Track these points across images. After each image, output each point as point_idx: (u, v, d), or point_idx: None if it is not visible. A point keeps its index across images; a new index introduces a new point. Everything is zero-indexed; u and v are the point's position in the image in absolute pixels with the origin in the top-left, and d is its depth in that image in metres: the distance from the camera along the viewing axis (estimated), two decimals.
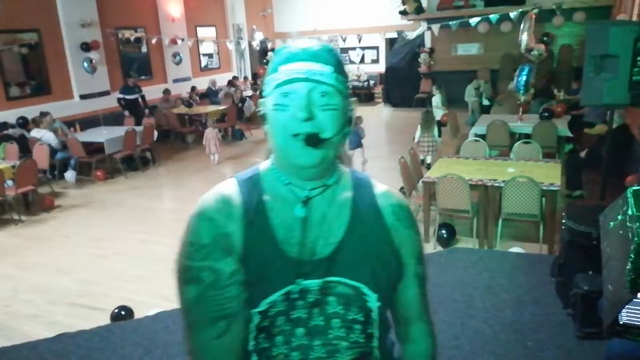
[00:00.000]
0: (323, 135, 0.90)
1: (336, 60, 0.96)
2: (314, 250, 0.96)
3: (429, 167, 7.15)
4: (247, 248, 0.94)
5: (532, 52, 7.93)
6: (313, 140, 0.89)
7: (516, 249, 4.57)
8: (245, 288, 0.94)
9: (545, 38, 11.04)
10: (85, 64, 9.28)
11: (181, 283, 0.97)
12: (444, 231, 4.85)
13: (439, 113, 8.85)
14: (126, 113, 9.74)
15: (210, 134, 8.58)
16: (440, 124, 8.40)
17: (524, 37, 7.95)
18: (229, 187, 1.00)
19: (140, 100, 9.94)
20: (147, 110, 9.98)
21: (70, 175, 8.05)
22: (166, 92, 10.93)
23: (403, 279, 1.05)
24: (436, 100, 9.30)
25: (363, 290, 0.97)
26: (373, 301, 0.98)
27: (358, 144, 7.49)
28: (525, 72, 7.14)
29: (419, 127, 7.47)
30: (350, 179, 1.05)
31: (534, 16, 8.02)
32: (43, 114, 7.98)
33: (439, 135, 7.74)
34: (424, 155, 7.50)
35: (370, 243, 0.99)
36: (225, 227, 0.95)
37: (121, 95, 9.76)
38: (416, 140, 7.58)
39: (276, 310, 0.95)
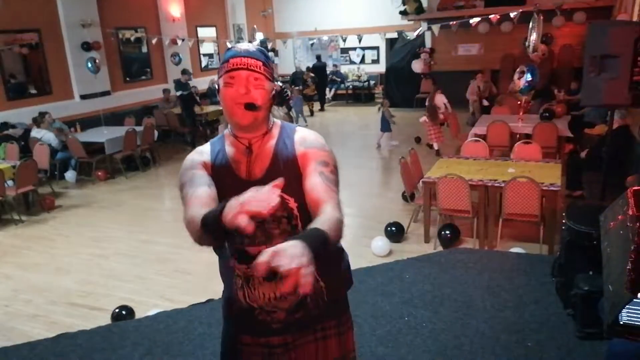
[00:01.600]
0: (257, 104, 1.43)
1: (265, 56, 1.47)
2: (253, 174, 1.51)
3: (438, 153, 8.11)
4: (214, 170, 1.53)
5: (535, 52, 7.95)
6: (250, 107, 1.42)
7: (516, 249, 4.57)
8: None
9: (544, 38, 11.05)
10: (90, 64, 9.29)
11: (180, 185, 1.53)
12: (447, 232, 4.84)
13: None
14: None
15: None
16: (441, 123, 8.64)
17: (533, 38, 7.95)
18: (204, 146, 1.61)
19: (193, 95, 10.21)
20: (197, 106, 10.32)
21: (70, 175, 8.05)
22: (166, 91, 10.94)
23: (307, 176, 1.45)
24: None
25: (284, 197, 1.42)
26: (291, 202, 1.47)
27: (387, 128, 9.07)
28: (534, 73, 7.14)
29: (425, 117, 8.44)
30: (279, 129, 1.56)
31: (542, 16, 8.03)
32: (42, 114, 7.99)
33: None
34: (438, 142, 8.38)
35: (287, 165, 1.48)
36: (200, 159, 1.56)
37: (179, 93, 10.02)
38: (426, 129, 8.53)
39: None
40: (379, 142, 9.29)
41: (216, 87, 1.48)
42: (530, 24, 8.21)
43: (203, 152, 1.57)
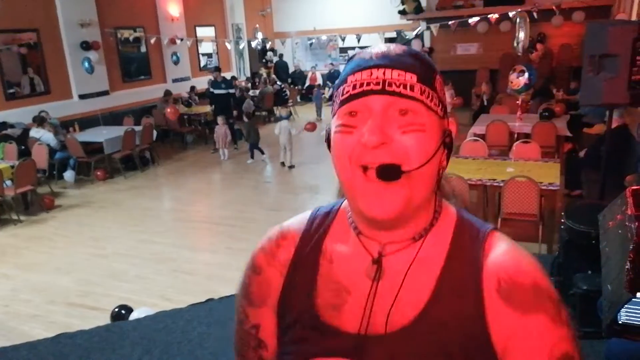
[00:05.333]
0: (405, 167, 0.67)
1: (423, 66, 0.73)
2: (375, 320, 0.72)
3: None
4: (285, 300, 0.80)
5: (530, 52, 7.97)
6: (390, 174, 0.67)
7: None
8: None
9: (539, 37, 11.07)
10: (86, 64, 9.28)
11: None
12: None
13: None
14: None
15: (220, 131, 8.86)
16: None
17: (521, 37, 7.97)
18: (298, 221, 0.85)
19: (230, 97, 9.84)
20: (235, 112, 9.88)
21: (69, 175, 8.04)
22: (167, 93, 10.92)
23: None
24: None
25: None
26: None
27: None
28: (532, 73, 7.14)
29: None
30: (454, 229, 0.76)
31: (527, 16, 8.06)
32: (42, 115, 8.01)
33: None
34: None
35: (452, 327, 0.70)
36: (266, 272, 0.83)
37: (210, 90, 9.98)
38: None
39: None
40: None
41: (325, 134, 0.78)
42: (517, 22, 8.22)
43: (280, 245, 0.83)
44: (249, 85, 13.69)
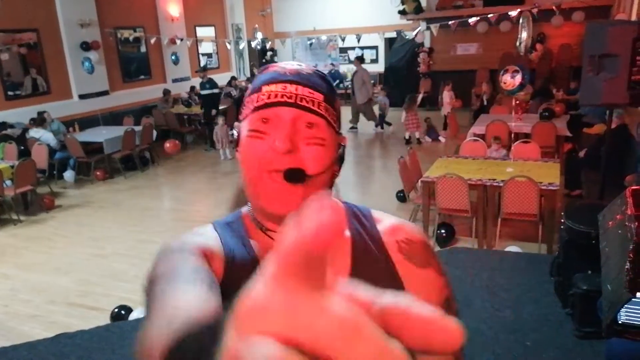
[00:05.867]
0: (308, 173, 0.75)
1: (329, 87, 0.82)
2: None
3: (418, 141, 8.93)
4: (229, 275, 0.77)
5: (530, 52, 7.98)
6: (294, 176, 0.74)
7: (515, 249, 4.57)
8: None
9: (540, 37, 11.07)
10: (87, 64, 9.28)
11: (149, 278, 0.80)
12: (443, 231, 4.85)
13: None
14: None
15: (221, 131, 8.85)
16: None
17: (524, 37, 7.97)
18: (205, 237, 0.82)
19: (216, 97, 9.72)
20: (213, 111, 9.69)
21: (69, 175, 8.04)
22: (166, 92, 10.92)
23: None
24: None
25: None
26: None
27: (436, 137, 9.46)
28: (526, 72, 7.13)
29: (403, 111, 9.13)
30: (346, 215, 0.86)
31: (530, 15, 8.06)
32: (40, 114, 8.01)
33: (444, 129, 9.50)
34: (412, 131, 9.11)
35: (376, 277, 0.79)
36: (203, 243, 0.78)
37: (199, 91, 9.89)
38: (402, 120, 9.21)
39: None
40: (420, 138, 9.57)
41: (234, 134, 0.85)
42: (520, 22, 8.23)
43: (208, 237, 0.83)
44: (249, 85, 13.64)
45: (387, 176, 7.65)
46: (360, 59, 10.95)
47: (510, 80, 7.14)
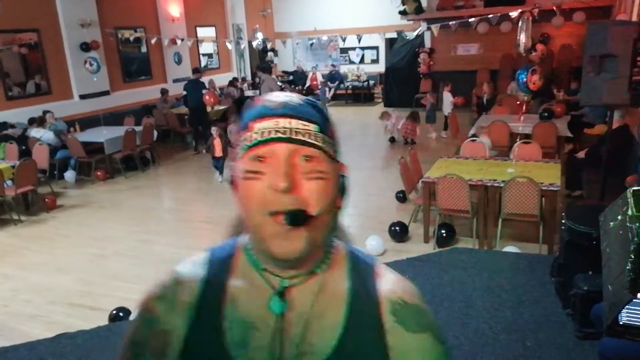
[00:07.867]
0: (310, 212, 0.72)
1: (322, 116, 0.78)
2: (284, 356, 0.76)
3: (412, 142, 9.24)
4: (190, 348, 0.79)
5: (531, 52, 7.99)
6: (297, 218, 0.71)
7: (516, 249, 4.57)
8: None
9: (541, 38, 11.06)
10: (88, 64, 9.28)
11: None
12: (443, 231, 4.85)
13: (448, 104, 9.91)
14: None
15: (215, 142, 7.74)
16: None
17: (522, 37, 7.97)
18: (193, 266, 0.84)
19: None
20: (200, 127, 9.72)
21: (69, 175, 8.05)
22: (164, 92, 10.92)
23: None
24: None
25: None
26: None
27: (434, 119, 9.76)
28: (526, 73, 7.14)
29: (403, 118, 9.39)
30: (348, 263, 0.83)
31: (529, 16, 8.07)
32: (43, 115, 8.04)
33: (445, 129, 9.68)
34: (405, 136, 9.32)
35: (366, 355, 0.77)
36: (164, 323, 0.79)
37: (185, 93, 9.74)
38: (399, 127, 9.40)
39: None
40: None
41: (230, 176, 0.82)
42: (519, 23, 8.24)
43: (180, 292, 0.81)
44: (245, 85, 13.64)
45: (387, 176, 7.65)
46: (264, 69, 9.70)
47: (532, 77, 7.13)
